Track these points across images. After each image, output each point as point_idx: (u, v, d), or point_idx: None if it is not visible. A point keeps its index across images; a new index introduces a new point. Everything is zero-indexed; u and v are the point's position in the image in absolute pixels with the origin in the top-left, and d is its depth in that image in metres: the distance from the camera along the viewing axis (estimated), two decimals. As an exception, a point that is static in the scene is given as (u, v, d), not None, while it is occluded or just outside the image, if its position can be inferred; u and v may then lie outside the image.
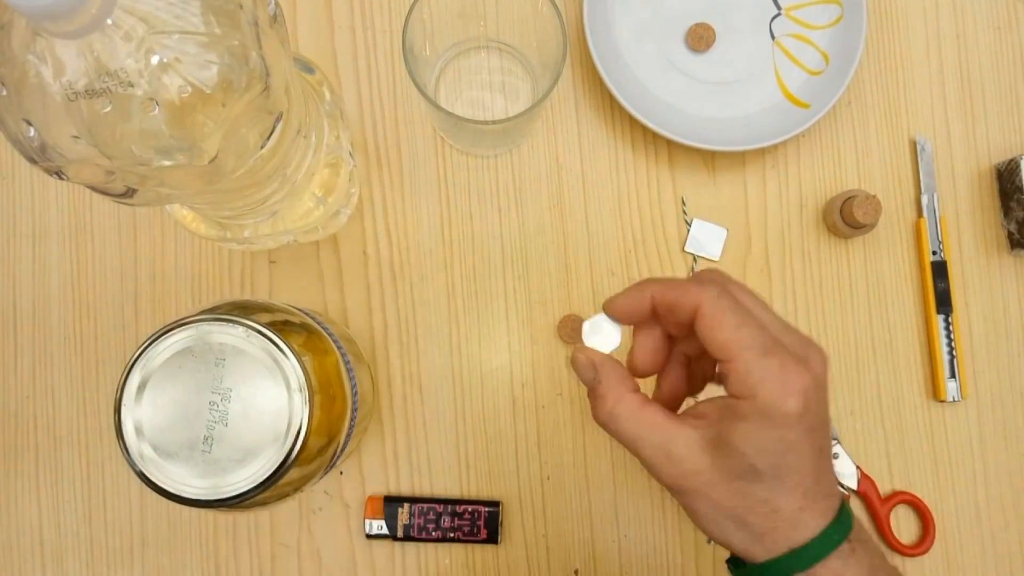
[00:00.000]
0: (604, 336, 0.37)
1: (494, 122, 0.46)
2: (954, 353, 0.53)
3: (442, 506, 0.51)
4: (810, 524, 0.32)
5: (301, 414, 0.36)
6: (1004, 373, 0.54)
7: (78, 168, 0.31)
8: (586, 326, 0.37)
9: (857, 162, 0.55)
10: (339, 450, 0.41)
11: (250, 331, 0.36)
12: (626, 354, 0.37)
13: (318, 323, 0.42)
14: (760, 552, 0.33)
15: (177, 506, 0.52)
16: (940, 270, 0.53)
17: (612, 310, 0.36)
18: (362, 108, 0.54)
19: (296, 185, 0.42)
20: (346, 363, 0.42)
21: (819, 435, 0.32)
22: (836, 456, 0.52)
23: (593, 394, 0.35)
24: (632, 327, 0.37)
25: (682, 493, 0.33)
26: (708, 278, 0.34)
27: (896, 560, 0.52)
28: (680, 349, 0.37)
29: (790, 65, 0.55)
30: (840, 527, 0.33)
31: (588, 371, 0.35)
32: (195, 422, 0.36)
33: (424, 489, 0.52)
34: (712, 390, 0.36)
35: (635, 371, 0.36)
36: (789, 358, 0.32)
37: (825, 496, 0.33)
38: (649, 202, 0.54)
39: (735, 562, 0.35)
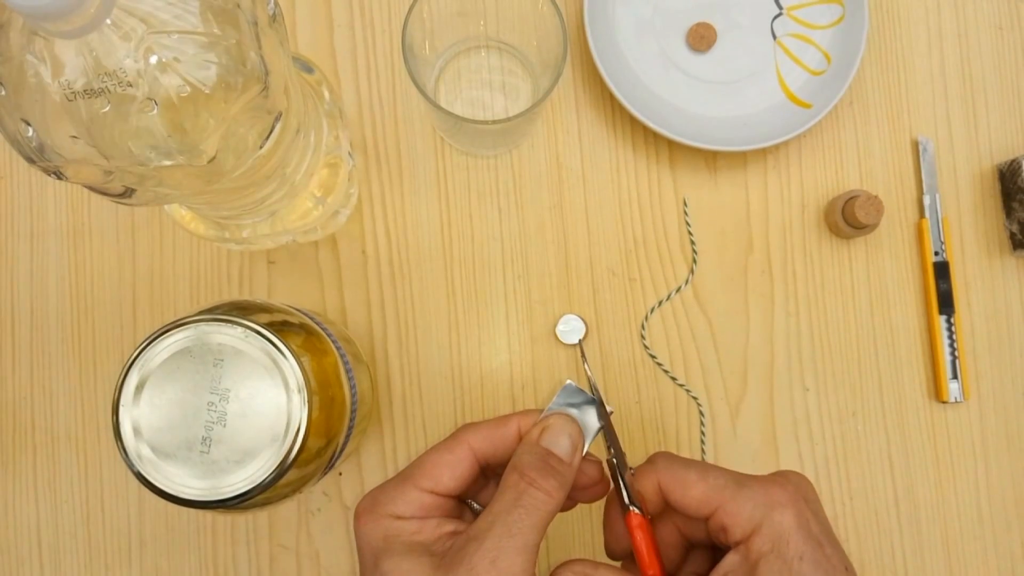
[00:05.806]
0: (572, 328, 0.51)
1: (494, 122, 0.45)
2: (956, 354, 0.53)
3: (442, 507, 0.50)
4: None
5: (300, 415, 0.36)
6: (1006, 374, 0.54)
7: (76, 168, 0.31)
8: (560, 324, 0.51)
9: (859, 162, 0.55)
10: (338, 451, 0.41)
11: (249, 331, 0.36)
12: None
13: (317, 323, 0.42)
14: None
15: (175, 507, 0.51)
16: (942, 271, 0.53)
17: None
18: (361, 108, 0.54)
19: (295, 185, 0.42)
20: (345, 364, 0.42)
21: (831, 551, 0.31)
22: None
23: None
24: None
25: None
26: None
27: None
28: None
29: (791, 65, 0.55)
30: None
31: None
32: (193, 423, 0.36)
33: (424, 490, 0.52)
34: None
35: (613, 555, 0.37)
36: (765, 480, 0.32)
37: None
38: (650, 202, 0.54)
39: None
